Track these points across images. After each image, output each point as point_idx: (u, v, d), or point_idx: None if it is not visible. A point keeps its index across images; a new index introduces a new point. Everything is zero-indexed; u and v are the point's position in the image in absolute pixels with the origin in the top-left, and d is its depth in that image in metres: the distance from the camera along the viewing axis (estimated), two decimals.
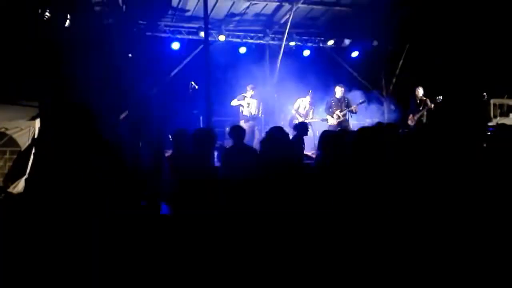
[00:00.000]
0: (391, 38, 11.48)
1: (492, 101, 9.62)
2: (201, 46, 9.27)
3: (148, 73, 8.75)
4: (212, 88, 7.77)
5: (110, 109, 5.68)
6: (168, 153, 4.37)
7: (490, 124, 8.87)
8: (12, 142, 6.97)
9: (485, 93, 9.64)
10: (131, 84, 7.46)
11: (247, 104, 8.45)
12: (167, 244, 2.39)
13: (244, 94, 8.51)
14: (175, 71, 9.97)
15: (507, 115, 9.54)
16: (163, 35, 9.81)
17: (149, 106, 6.65)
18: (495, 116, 9.46)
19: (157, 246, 2.36)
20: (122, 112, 7.50)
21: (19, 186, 5.64)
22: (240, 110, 8.57)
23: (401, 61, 10.97)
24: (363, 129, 2.98)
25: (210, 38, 9.94)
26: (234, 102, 8.55)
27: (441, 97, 8.61)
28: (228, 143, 6.68)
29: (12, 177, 5.80)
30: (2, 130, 7.03)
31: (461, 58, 9.12)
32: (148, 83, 9.07)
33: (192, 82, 7.64)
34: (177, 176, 3.32)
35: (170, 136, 8.02)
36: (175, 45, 9.84)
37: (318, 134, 5.67)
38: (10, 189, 5.53)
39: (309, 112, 8.76)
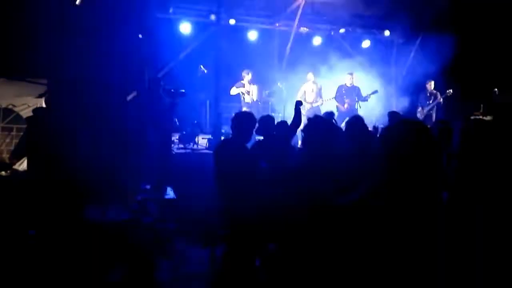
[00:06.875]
0: (404, 30, 11.33)
1: None
2: (211, 29, 9.10)
3: (157, 56, 8.63)
4: (221, 73, 7.67)
5: (116, 89, 5.62)
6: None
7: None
8: (19, 119, 6.98)
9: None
10: (140, 66, 7.39)
11: (247, 91, 8.16)
12: None
13: (242, 81, 8.22)
14: (184, 54, 9.89)
15: None
16: (172, 16, 9.65)
17: (156, 89, 6.58)
18: None
19: None
20: (129, 94, 7.45)
21: (25, 163, 5.65)
22: (242, 98, 8.25)
23: (412, 53, 10.80)
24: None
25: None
26: (233, 91, 8.20)
27: (451, 91, 8.53)
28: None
29: (18, 154, 5.80)
30: (10, 106, 7.03)
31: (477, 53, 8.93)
32: (157, 66, 8.97)
33: (201, 66, 7.52)
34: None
35: (176, 120, 8.01)
36: (185, 28, 9.63)
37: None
38: (16, 166, 5.53)
39: (316, 98, 8.53)
